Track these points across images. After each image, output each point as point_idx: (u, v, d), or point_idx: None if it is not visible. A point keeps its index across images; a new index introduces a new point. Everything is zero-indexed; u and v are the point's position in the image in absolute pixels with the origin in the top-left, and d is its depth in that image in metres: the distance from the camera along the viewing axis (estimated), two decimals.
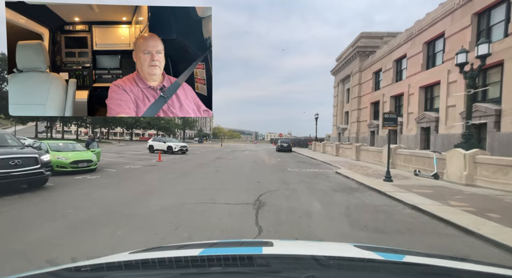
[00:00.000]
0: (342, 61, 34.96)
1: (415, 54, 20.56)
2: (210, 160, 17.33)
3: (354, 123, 31.39)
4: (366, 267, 1.04)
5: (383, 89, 25.52)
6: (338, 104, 37.55)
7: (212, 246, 1.28)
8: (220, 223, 4.69)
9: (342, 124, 35.90)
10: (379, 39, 30.13)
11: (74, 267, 0.97)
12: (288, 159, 19.93)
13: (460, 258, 1.20)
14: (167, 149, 21.80)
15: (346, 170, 12.48)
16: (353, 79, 31.93)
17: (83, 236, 4.04)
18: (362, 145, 18.10)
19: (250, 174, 11.26)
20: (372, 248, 1.26)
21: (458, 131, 15.52)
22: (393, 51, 23.85)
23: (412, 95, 20.85)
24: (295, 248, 1.44)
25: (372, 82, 28.12)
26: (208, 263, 0.98)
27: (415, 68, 20.48)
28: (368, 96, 28.64)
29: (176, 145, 21.77)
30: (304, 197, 6.94)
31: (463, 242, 4.12)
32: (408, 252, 1.28)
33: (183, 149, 22.04)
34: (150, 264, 1.00)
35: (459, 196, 7.01)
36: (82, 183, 8.39)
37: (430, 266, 1.02)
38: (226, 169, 12.68)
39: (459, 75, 12.44)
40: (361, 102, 30.54)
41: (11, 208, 5.47)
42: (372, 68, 27.92)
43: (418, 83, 20.00)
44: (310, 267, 0.92)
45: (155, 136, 25.13)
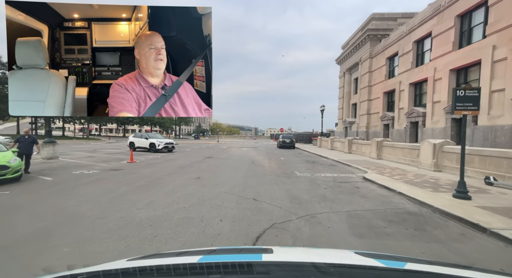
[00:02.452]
0: (349, 48, 31.20)
1: (443, 31, 16.86)
2: (197, 160, 13.79)
3: (364, 116, 27.81)
4: (367, 274, 0.99)
5: (400, 76, 21.87)
6: (344, 95, 33.90)
7: (211, 253, 1.26)
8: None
9: (349, 117, 32.31)
10: (392, 21, 26.36)
11: (70, 275, 0.94)
12: (293, 158, 16.40)
13: (463, 265, 1.16)
14: (149, 147, 18.23)
15: (377, 174, 8.98)
16: (362, 67, 28.24)
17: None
18: (386, 140, 14.56)
19: (243, 183, 7.74)
20: (374, 255, 1.20)
21: (507, 122, 12.01)
22: (413, 30, 20.13)
23: (439, 80, 17.24)
24: (295, 255, 1.37)
25: (386, 69, 24.44)
26: (207, 271, 0.95)
27: (444, 48, 16.82)
28: (381, 85, 25.00)
29: (160, 141, 18.17)
30: (341, 245, 3.45)
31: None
32: (410, 259, 1.20)
33: (168, 146, 18.46)
34: (147, 272, 0.96)
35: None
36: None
37: (432, 273, 0.97)
38: (211, 174, 9.18)
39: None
40: (371, 92, 26.90)
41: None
42: (386, 53, 24.22)
43: (448, 65, 16.36)
44: (311, 274, 0.90)
45: (137, 132, 21.44)
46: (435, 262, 1.15)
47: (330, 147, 24.23)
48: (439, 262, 1.14)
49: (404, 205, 5.50)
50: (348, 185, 7.63)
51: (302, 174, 9.63)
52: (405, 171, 9.76)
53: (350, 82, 32.99)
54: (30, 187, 6.81)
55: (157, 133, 20.78)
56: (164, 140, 18.83)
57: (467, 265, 1.21)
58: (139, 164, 11.68)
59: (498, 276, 0.98)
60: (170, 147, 18.62)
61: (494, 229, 3.82)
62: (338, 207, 5.23)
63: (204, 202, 5.53)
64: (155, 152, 17.89)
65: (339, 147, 22.29)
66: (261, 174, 9.48)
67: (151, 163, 12.37)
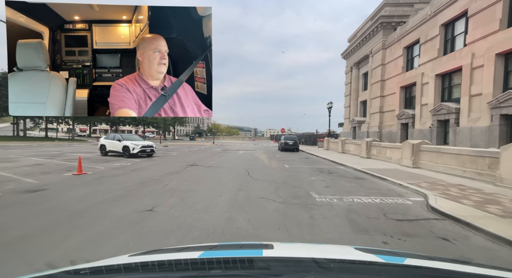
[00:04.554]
0: (358, 40, 27.69)
1: (486, 7, 13.33)
2: (174, 171, 10.14)
3: (376, 115, 24.27)
4: (367, 270, 0.98)
5: (422, 67, 18.34)
6: (351, 92, 30.36)
7: (212, 248, 1.25)
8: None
9: (357, 116, 28.76)
10: (408, 7, 22.87)
11: (74, 270, 0.92)
12: (301, 165, 12.78)
13: (462, 261, 1.15)
14: (122, 151, 14.60)
15: (449, 201, 5.39)
16: (374, 59, 24.73)
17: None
18: (424, 142, 10.94)
19: (227, 225, 4.13)
20: (373, 251, 1.19)
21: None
22: (440, 12, 16.61)
23: (479, 68, 13.70)
24: (296, 251, 1.35)
25: (403, 60, 20.92)
26: (208, 266, 0.94)
27: (486, 28, 13.28)
28: (397, 79, 21.47)
29: (136, 144, 14.47)
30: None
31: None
32: (410, 254, 1.21)
33: (146, 150, 14.78)
34: (149, 267, 0.95)
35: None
36: None
37: (431, 269, 0.96)
38: (178, 201, 5.52)
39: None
40: (385, 87, 23.38)
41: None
42: (403, 42, 20.71)
43: (493, 49, 12.83)
44: (311, 269, 0.88)
45: (109, 134, 17.77)
46: (435, 257, 1.13)
47: (341, 150, 20.57)
48: (439, 258, 1.13)
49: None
50: (417, 228, 4.05)
51: (323, 197, 6.02)
52: (482, 191, 6.19)
53: (358, 77, 29.48)
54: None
55: (134, 135, 17.07)
56: (141, 142, 15.09)
57: (466, 260, 1.23)
58: (84, 178, 8.04)
59: (496, 271, 0.96)
60: (148, 150, 14.95)
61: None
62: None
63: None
64: (129, 157, 14.24)
65: (353, 150, 18.65)
66: (258, 198, 5.87)
67: (106, 175, 8.74)
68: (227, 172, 9.98)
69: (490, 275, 0.92)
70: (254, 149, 26.43)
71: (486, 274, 0.92)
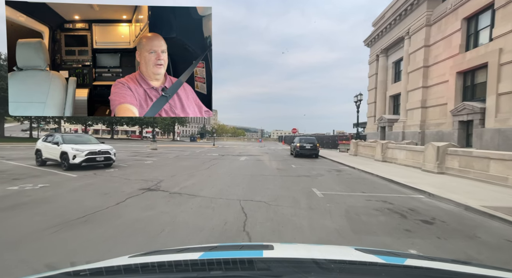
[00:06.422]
0: (387, 22, 22.08)
1: None
2: (96, 209, 4.94)
3: (416, 111, 18.62)
4: (367, 270, 0.98)
5: (498, 40, 12.68)
6: (377, 86, 24.68)
7: (212, 249, 1.22)
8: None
9: (387, 114, 23.09)
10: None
11: (73, 271, 0.91)
12: (344, 192, 7.40)
13: (462, 261, 1.12)
14: (60, 159, 9.54)
15: None
16: (412, 41, 19.11)
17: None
18: None
19: None
20: (374, 251, 1.17)
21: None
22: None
23: None
24: (296, 251, 1.32)
25: (461, 36, 15.24)
26: (208, 267, 0.92)
27: None
28: (450, 63, 15.80)
29: (79, 150, 9.35)
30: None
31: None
32: (410, 255, 1.18)
33: (97, 158, 9.63)
34: (149, 268, 0.94)
35: None
36: None
37: (432, 269, 0.95)
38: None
39: None
40: (429, 75, 17.71)
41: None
42: (461, 12, 15.08)
43: None
44: (311, 270, 0.87)
45: (49, 133, 12.50)
46: (435, 258, 1.12)
47: (380, 158, 14.87)
48: (439, 258, 1.11)
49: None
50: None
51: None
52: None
53: (386, 67, 23.82)
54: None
55: (87, 135, 11.79)
56: (89, 146, 9.85)
57: (466, 261, 1.22)
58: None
59: (496, 271, 0.95)
60: (100, 159, 9.75)
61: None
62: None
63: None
64: (68, 169, 9.13)
65: (403, 158, 12.95)
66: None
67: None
68: (199, 214, 4.71)
69: (490, 275, 0.91)
70: (260, 154, 21.06)
71: (486, 275, 0.91)
